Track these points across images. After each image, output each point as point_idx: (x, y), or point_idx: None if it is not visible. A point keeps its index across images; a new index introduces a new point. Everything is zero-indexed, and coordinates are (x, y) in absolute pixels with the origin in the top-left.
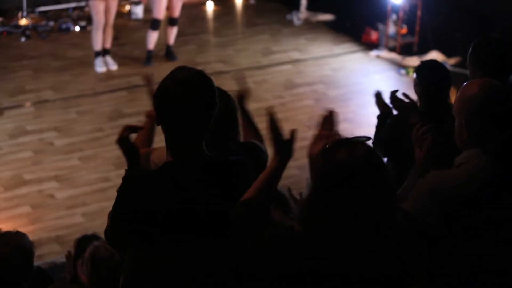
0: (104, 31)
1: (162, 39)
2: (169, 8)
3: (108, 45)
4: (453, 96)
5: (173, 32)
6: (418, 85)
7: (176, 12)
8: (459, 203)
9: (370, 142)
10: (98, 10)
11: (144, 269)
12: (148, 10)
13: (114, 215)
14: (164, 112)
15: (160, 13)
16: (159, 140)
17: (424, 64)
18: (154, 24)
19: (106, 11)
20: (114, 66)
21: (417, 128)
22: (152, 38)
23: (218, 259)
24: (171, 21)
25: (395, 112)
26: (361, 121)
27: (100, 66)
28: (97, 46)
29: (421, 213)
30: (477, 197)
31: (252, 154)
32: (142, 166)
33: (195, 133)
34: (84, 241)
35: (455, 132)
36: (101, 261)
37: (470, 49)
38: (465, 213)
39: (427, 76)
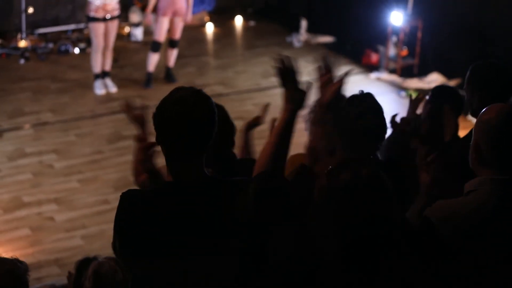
0: (104, 54)
1: (162, 61)
2: (170, 30)
3: (107, 67)
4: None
5: (173, 54)
6: (427, 104)
7: (177, 34)
8: (468, 232)
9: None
10: (97, 33)
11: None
12: (147, 32)
13: (114, 232)
14: (163, 130)
15: (161, 35)
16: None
17: (442, 87)
18: (155, 46)
19: (106, 33)
20: (113, 89)
21: (423, 153)
22: (153, 60)
23: (225, 271)
24: (172, 43)
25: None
26: None
27: (99, 89)
28: (96, 68)
29: None
30: (486, 226)
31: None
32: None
33: (194, 151)
34: (85, 263)
35: (469, 153)
36: (104, 277)
37: (468, 73)
38: (473, 243)
39: (440, 98)
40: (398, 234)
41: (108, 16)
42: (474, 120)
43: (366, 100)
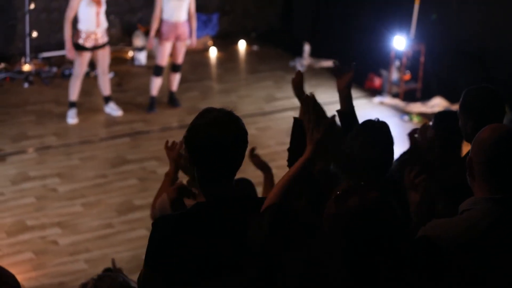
0: (102, 79)
1: (165, 85)
2: (172, 54)
3: (107, 92)
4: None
5: (176, 78)
6: (432, 130)
7: (180, 59)
8: (461, 250)
9: None
10: (82, 61)
11: None
12: (151, 56)
13: (148, 260)
14: (196, 152)
15: (163, 59)
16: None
17: (444, 112)
18: (157, 70)
19: (99, 60)
20: (118, 112)
21: (408, 171)
22: (155, 84)
23: None
24: (174, 68)
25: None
26: None
27: (71, 118)
28: (73, 96)
29: None
30: (479, 244)
31: (248, 190)
32: None
33: (227, 172)
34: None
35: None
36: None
37: (461, 98)
38: (466, 262)
39: (443, 124)
40: (403, 257)
41: (97, 44)
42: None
43: (375, 131)
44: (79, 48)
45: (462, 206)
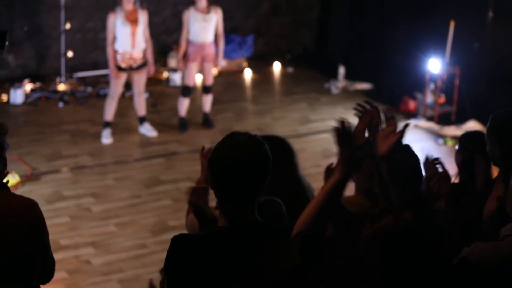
0: (137, 101)
1: (199, 106)
2: (202, 76)
3: (143, 112)
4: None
5: (208, 99)
6: (458, 153)
7: (209, 80)
8: (503, 277)
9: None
10: (118, 82)
11: None
12: None
13: (164, 275)
14: (218, 175)
15: (191, 80)
16: None
17: (468, 134)
18: (185, 91)
19: (135, 81)
20: (153, 133)
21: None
22: (183, 104)
23: None
24: (205, 89)
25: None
26: None
27: (106, 138)
28: (108, 116)
29: None
30: None
31: (276, 211)
32: None
33: (248, 196)
34: None
35: (507, 197)
36: None
37: (489, 122)
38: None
39: (469, 146)
40: (442, 279)
41: (133, 66)
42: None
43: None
44: (115, 68)
45: (504, 231)
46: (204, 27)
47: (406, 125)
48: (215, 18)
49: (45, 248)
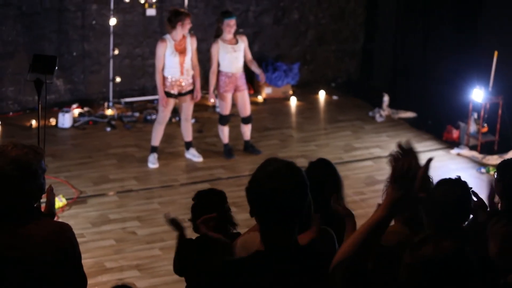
0: (184, 126)
1: (252, 132)
2: (238, 108)
3: (189, 138)
4: None
5: (248, 128)
6: (498, 183)
7: (246, 111)
8: None
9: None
10: (166, 108)
11: None
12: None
13: None
14: (256, 203)
15: (227, 110)
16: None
17: (506, 162)
18: (222, 120)
19: (183, 108)
20: (199, 158)
21: (493, 222)
22: (224, 132)
23: None
24: (244, 121)
25: None
26: None
27: (152, 163)
28: (155, 141)
29: None
30: None
31: (327, 241)
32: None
33: (287, 223)
34: None
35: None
36: None
37: None
38: None
39: (508, 174)
40: None
41: (182, 91)
42: None
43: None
44: (164, 93)
45: None
46: (235, 57)
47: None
48: (243, 46)
49: (77, 270)
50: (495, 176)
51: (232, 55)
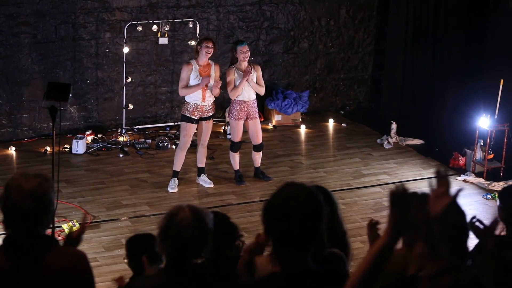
0: (200, 151)
1: (262, 159)
2: (250, 136)
3: (203, 164)
4: None
5: (259, 156)
6: (502, 209)
7: (259, 139)
8: None
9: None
10: (188, 133)
11: None
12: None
13: None
14: (272, 224)
15: (238, 137)
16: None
17: (507, 188)
18: (233, 147)
19: (202, 132)
20: (210, 185)
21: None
22: (235, 159)
23: None
24: (256, 148)
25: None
26: None
27: (172, 188)
28: (177, 166)
29: None
30: None
31: (339, 264)
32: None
33: (301, 245)
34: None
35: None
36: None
37: None
38: None
39: (510, 201)
40: None
41: (202, 116)
42: None
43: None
44: (185, 119)
45: None
46: (246, 85)
47: (460, 190)
48: (255, 75)
49: None
50: (498, 203)
51: (246, 84)
